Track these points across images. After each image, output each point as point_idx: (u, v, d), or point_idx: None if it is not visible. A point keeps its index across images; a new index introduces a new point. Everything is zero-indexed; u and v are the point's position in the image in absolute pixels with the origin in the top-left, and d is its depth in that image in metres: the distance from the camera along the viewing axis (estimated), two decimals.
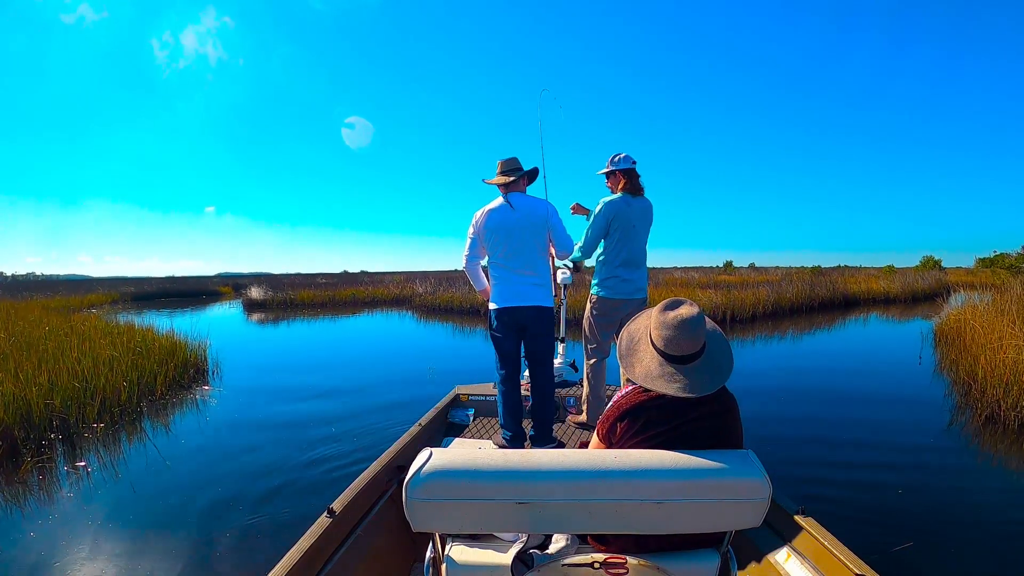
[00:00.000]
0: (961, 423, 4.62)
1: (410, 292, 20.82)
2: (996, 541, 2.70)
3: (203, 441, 4.42)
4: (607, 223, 3.00)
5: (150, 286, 32.33)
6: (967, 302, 9.02)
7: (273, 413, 5.27)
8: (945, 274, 24.70)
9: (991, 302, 8.03)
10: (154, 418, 5.06)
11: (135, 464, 3.87)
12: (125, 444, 4.32)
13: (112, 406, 5.06)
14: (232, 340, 11.20)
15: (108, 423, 4.74)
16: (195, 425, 4.87)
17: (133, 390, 5.45)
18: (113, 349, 6.11)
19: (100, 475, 3.66)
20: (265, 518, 2.96)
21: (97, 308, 20.53)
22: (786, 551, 1.75)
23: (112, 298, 25.35)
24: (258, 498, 3.22)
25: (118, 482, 3.55)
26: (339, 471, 3.58)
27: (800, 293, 14.69)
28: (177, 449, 4.21)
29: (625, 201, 2.99)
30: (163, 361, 6.34)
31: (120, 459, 3.97)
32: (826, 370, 7.22)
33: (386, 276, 36.67)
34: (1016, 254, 23.01)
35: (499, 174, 2.77)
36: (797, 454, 3.94)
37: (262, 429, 4.72)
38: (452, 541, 1.32)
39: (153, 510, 3.12)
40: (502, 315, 2.73)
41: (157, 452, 4.10)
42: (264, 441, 4.36)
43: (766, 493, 1.08)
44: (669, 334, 1.22)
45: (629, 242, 3.01)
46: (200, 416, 5.16)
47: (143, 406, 5.34)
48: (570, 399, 3.45)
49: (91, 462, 3.87)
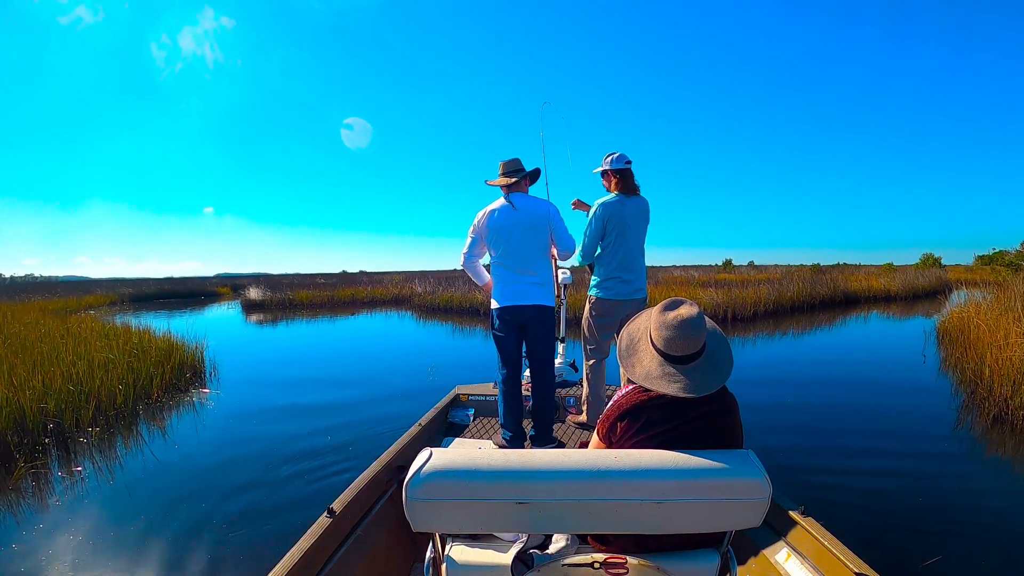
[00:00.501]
0: (968, 422, 4.55)
1: (409, 292, 20.79)
2: (1001, 541, 2.66)
3: (201, 444, 4.35)
4: (603, 225, 2.98)
5: (148, 287, 32.22)
6: (969, 300, 8.97)
7: (272, 414, 5.21)
8: (945, 271, 24.68)
9: (994, 299, 7.98)
10: (150, 421, 4.98)
11: (131, 468, 3.81)
12: (121, 448, 4.25)
13: (107, 410, 5.00)
14: (230, 341, 11.13)
15: (103, 427, 4.67)
16: (192, 428, 4.80)
17: (129, 393, 5.38)
18: (109, 351, 6.03)
19: (95, 480, 3.60)
20: (265, 519, 2.95)
21: (95, 310, 20.44)
22: (786, 551, 1.75)
23: (110, 299, 25.26)
24: (257, 499, 3.20)
25: (114, 486, 3.49)
26: (339, 471, 3.56)
27: (801, 291, 14.65)
28: (174, 452, 4.14)
29: (620, 201, 2.97)
30: (159, 363, 6.26)
31: (116, 463, 3.91)
32: (828, 369, 7.17)
33: (385, 276, 36.60)
34: (1015, 251, 23.08)
35: (501, 175, 2.79)
36: (799, 454, 3.91)
37: (261, 431, 4.67)
38: (452, 541, 1.31)
39: (150, 515, 3.06)
40: (503, 314, 2.74)
41: (153, 456, 4.04)
42: (263, 443, 4.31)
43: (766, 493, 1.07)
44: (669, 335, 1.22)
45: (626, 243, 3.00)
46: (197, 418, 5.09)
47: (139, 409, 5.27)
48: (570, 399, 3.45)
49: (86, 467, 3.81)
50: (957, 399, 5.28)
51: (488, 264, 2.93)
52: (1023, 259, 19.94)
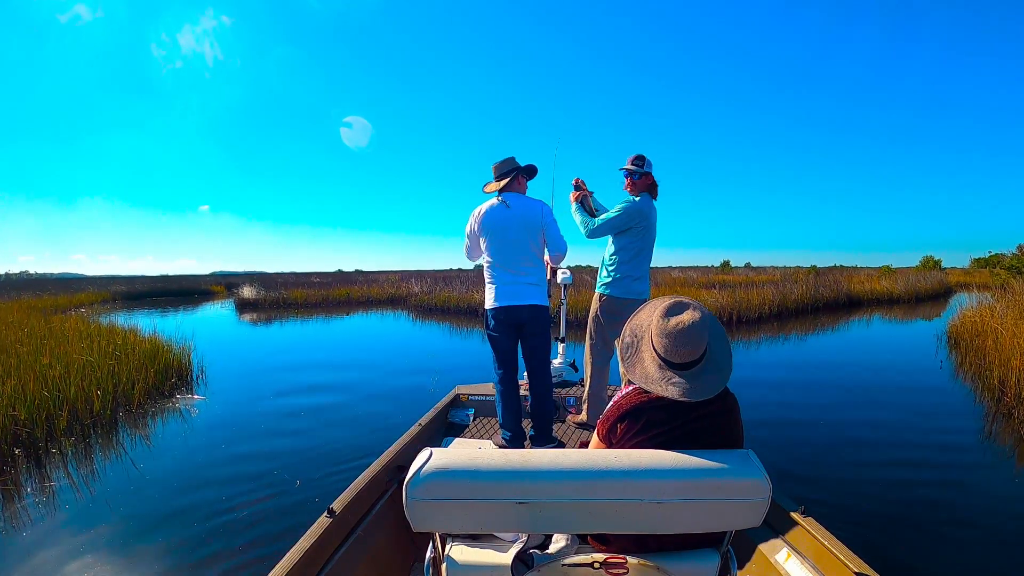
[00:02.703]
0: (996, 432, 4.38)
1: (406, 292, 20.53)
2: (1001, 542, 2.65)
3: (189, 451, 4.11)
4: (629, 222, 2.96)
5: (141, 285, 31.83)
6: (980, 304, 8.78)
7: (265, 418, 5.00)
8: (945, 274, 24.67)
9: (1010, 304, 7.79)
10: (132, 429, 4.67)
11: (111, 480, 3.55)
12: (99, 459, 3.96)
13: (84, 417, 4.70)
14: (222, 341, 10.85)
15: (79, 436, 4.37)
16: (179, 435, 4.51)
17: (108, 399, 5.07)
18: (89, 354, 5.72)
19: (71, 494, 3.33)
20: (264, 519, 2.91)
21: (86, 308, 20.09)
22: (786, 551, 1.75)
23: (102, 297, 24.87)
24: (257, 499, 3.16)
25: (92, 500, 3.25)
26: (339, 471, 3.52)
27: (805, 294, 14.51)
28: (158, 461, 3.88)
29: (649, 206, 2.99)
30: (142, 367, 5.94)
31: (93, 476, 3.64)
32: (834, 371, 7.09)
33: (381, 275, 36.26)
34: (1012, 254, 23.25)
35: (495, 179, 2.78)
36: (800, 453, 3.91)
37: (256, 432, 4.49)
38: (452, 541, 1.31)
39: (133, 526, 2.90)
40: (498, 314, 2.73)
41: (135, 467, 3.77)
42: (260, 443, 4.16)
43: (766, 493, 1.07)
44: (668, 343, 1.20)
45: (646, 245, 3.02)
46: (185, 425, 4.80)
47: (119, 417, 4.96)
48: (570, 399, 3.44)
49: (60, 480, 3.54)
50: (968, 400, 5.25)
51: (480, 263, 2.94)
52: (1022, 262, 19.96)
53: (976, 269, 34.12)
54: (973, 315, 8.26)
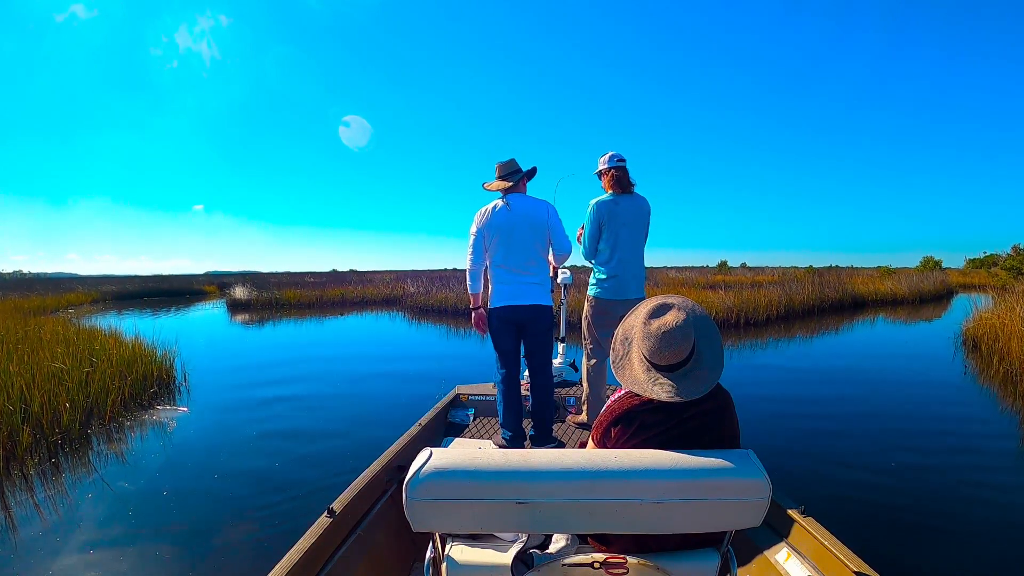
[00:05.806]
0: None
1: (401, 292, 20.16)
2: (1002, 542, 2.63)
3: (172, 464, 3.84)
4: (597, 223, 3.00)
5: (133, 285, 31.34)
6: (996, 304, 8.53)
7: (256, 423, 4.80)
8: (946, 274, 24.58)
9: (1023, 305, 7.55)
10: (104, 445, 4.29)
11: (81, 502, 3.24)
12: (68, 479, 3.59)
13: (51, 434, 4.31)
14: (211, 344, 10.47)
15: (44, 456, 3.98)
16: (158, 449, 4.15)
17: (78, 412, 4.67)
18: (62, 360, 5.33)
19: (35, 518, 3.03)
20: (263, 519, 2.90)
21: (74, 309, 19.64)
22: (786, 551, 1.75)
23: (91, 298, 24.40)
24: (256, 500, 3.15)
25: (63, 522, 2.97)
26: (339, 472, 3.49)
27: (811, 295, 14.29)
28: (137, 480, 3.56)
29: (614, 200, 2.97)
30: (118, 374, 5.54)
31: (63, 496, 3.31)
32: (840, 372, 6.98)
33: (376, 275, 35.80)
34: (1007, 255, 23.26)
35: (498, 179, 2.78)
36: (800, 453, 3.90)
37: (242, 443, 4.29)
38: (452, 541, 1.30)
39: (114, 544, 2.72)
40: (501, 314, 2.74)
41: (107, 486, 3.45)
42: (246, 457, 3.97)
43: (766, 493, 1.06)
44: (653, 346, 1.19)
45: (621, 242, 2.99)
46: (165, 438, 4.42)
47: (90, 431, 4.57)
48: (570, 399, 3.45)
49: (22, 503, 3.20)
50: (989, 402, 5.27)
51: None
52: (1022, 263, 19.87)
53: (972, 270, 34.18)
54: (991, 316, 7.99)
